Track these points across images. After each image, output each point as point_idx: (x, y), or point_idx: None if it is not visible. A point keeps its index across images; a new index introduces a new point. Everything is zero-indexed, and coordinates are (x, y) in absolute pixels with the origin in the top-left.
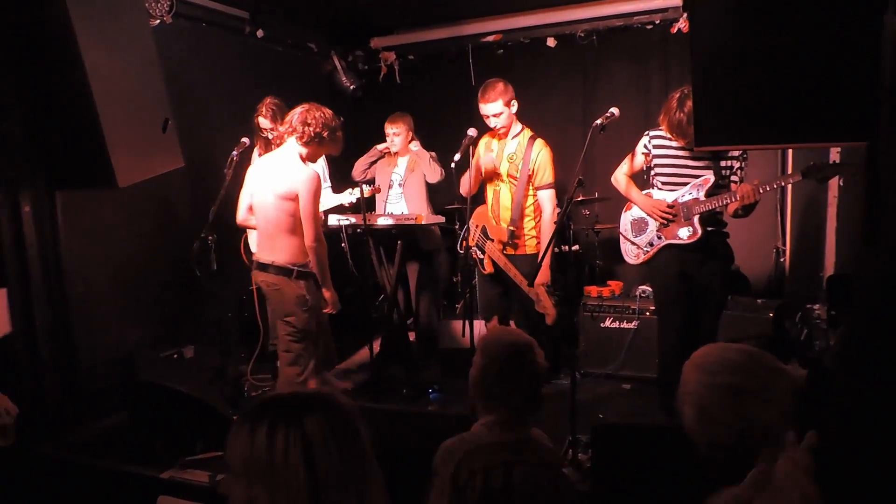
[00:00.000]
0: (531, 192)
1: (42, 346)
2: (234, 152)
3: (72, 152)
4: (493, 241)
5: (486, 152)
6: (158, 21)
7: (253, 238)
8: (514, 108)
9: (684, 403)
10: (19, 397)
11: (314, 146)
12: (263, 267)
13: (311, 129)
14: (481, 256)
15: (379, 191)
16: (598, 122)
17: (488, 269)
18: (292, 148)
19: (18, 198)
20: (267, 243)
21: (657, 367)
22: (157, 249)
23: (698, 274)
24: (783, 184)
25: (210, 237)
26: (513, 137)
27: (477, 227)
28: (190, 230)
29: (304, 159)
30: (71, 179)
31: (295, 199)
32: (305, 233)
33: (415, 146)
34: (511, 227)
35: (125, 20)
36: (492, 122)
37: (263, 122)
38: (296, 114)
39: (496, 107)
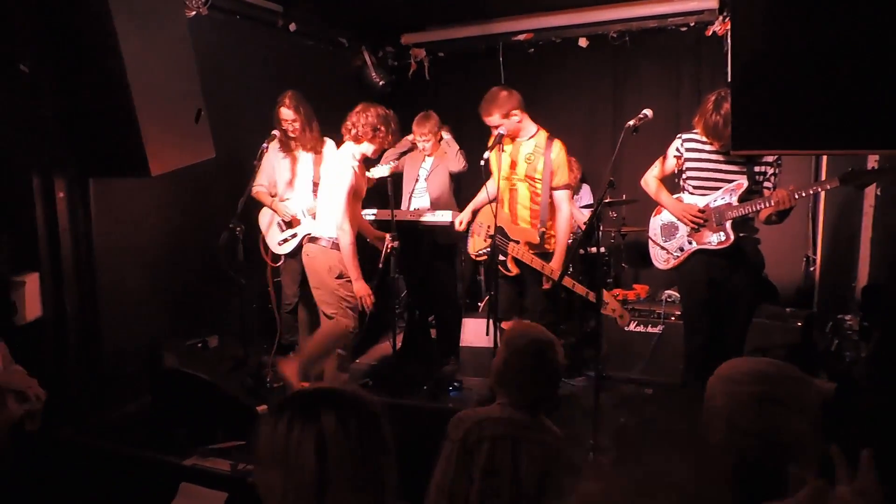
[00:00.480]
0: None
1: (70, 331)
2: (265, 144)
3: (106, 140)
4: (517, 242)
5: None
6: (194, 13)
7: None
8: (517, 118)
9: (712, 418)
10: (45, 381)
11: (365, 143)
12: (310, 239)
13: (357, 131)
14: (503, 259)
15: (400, 168)
16: (631, 123)
17: (514, 270)
18: (345, 145)
19: (53, 183)
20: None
21: (682, 373)
22: (185, 238)
23: (728, 280)
24: (819, 189)
25: (238, 228)
26: (529, 138)
27: (490, 227)
28: (219, 220)
29: (356, 156)
30: (105, 167)
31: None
32: (335, 219)
33: (446, 135)
34: (542, 229)
35: (162, 11)
36: (496, 130)
37: (286, 112)
38: (350, 117)
39: (493, 120)
